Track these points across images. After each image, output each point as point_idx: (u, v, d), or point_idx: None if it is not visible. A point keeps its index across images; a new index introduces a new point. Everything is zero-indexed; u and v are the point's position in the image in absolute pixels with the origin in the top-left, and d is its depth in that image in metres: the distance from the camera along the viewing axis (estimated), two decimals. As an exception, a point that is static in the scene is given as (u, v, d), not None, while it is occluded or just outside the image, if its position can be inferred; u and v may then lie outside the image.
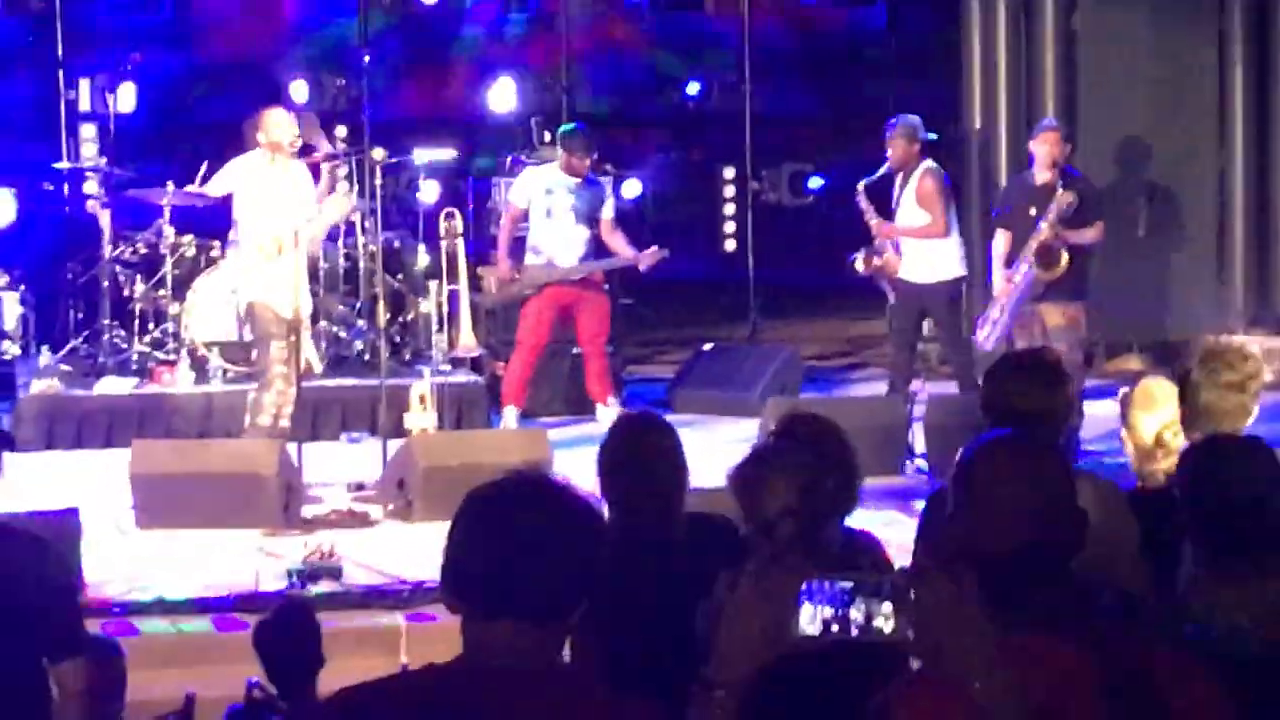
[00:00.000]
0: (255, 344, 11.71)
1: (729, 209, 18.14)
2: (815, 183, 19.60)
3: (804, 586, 2.92)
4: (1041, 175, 12.12)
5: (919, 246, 12.80)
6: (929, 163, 12.83)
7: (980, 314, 12.73)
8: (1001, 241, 12.32)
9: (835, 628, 2.92)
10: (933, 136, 13.14)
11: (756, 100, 17.78)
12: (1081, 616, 3.33)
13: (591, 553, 3.35)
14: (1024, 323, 12.08)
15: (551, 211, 13.08)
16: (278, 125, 11.34)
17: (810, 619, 2.93)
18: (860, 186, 12.91)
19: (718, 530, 5.36)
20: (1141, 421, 5.98)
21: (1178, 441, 5.78)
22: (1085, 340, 12.31)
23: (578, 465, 11.60)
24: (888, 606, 2.91)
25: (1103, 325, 14.96)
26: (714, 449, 9.30)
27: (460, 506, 3.36)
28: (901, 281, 12.90)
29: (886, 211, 12.91)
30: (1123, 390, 6.32)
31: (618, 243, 13.24)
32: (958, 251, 12.87)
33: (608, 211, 13.23)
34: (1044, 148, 12.13)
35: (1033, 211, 12.04)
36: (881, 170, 12.89)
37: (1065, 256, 11.91)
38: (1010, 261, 12.16)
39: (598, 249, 13.20)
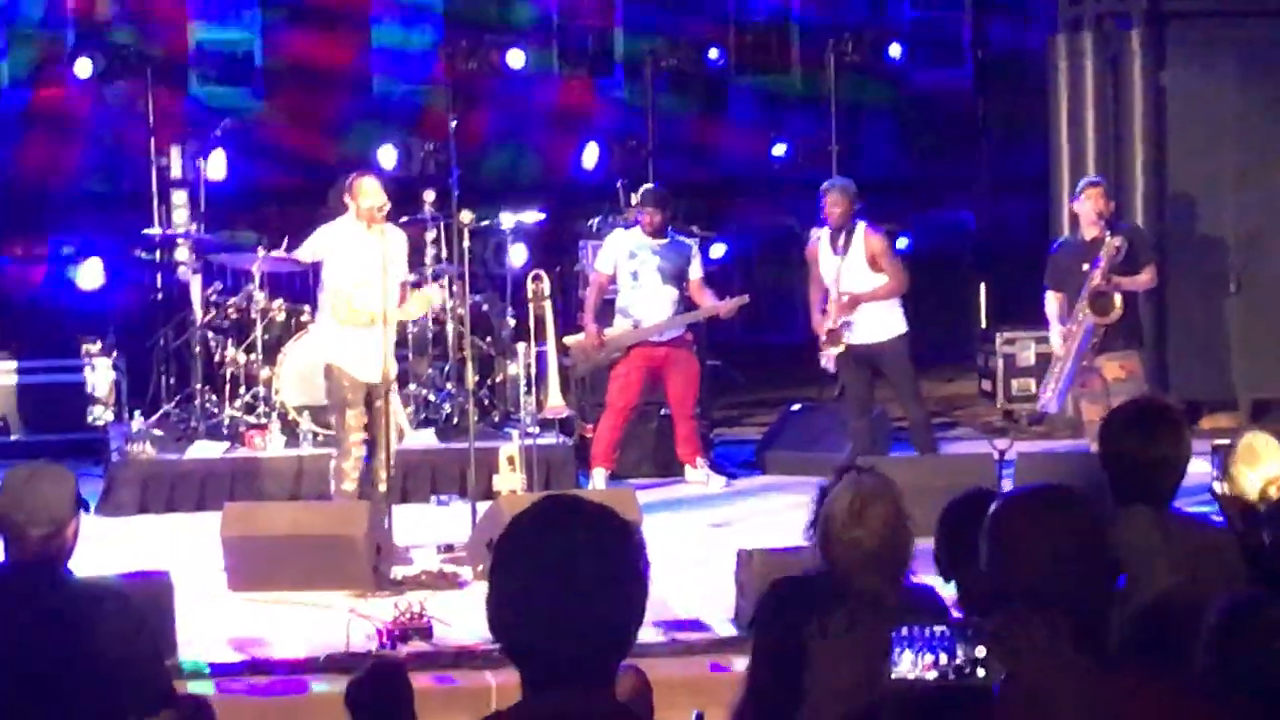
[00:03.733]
0: (331, 410, 11.65)
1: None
2: (901, 243, 19.50)
3: (899, 632, 2.90)
4: (1089, 231, 12.10)
5: (870, 306, 12.73)
6: (864, 222, 12.80)
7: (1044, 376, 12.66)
8: (1054, 303, 12.25)
9: (933, 673, 2.90)
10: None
11: (842, 162, 17.76)
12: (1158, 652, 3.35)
13: (640, 581, 3.16)
14: (1085, 379, 12.05)
15: (638, 274, 13.09)
16: (366, 193, 11.29)
17: (910, 664, 2.91)
18: (822, 303, 12.84)
19: None
20: (1244, 476, 5.92)
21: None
22: (1144, 389, 12.15)
23: (666, 526, 11.67)
24: (983, 651, 2.89)
25: (1195, 381, 14.88)
26: (805, 509, 9.21)
27: (495, 553, 3.16)
28: (850, 346, 12.79)
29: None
30: (1214, 443, 6.26)
31: (707, 301, 13.22)
32: (901, 308, 12.84)
33: (695, 271, 13.22)
34: (1088, 204, 12.10)
35: (1084, 267, 12.00)
36: (818, 233, 12.87)
37: (1119, 300, 11.88)
38: (1065, 319, 12.12)
39: (686, 309, 13.20)
